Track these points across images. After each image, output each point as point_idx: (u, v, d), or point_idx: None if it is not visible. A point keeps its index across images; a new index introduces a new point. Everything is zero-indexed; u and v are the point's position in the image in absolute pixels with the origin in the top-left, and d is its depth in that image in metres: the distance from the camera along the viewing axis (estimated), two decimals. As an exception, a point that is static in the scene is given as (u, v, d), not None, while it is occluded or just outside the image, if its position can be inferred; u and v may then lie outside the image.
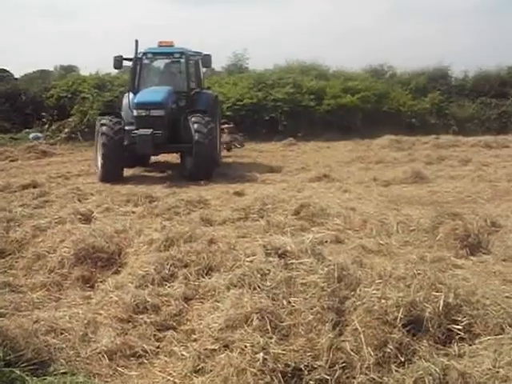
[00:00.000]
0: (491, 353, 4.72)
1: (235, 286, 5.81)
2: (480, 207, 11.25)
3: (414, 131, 27.34)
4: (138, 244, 7.81)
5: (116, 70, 23.22)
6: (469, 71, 35.15)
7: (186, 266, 6.85)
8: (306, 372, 4.65)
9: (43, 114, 26.60)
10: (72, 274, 7.16)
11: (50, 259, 7.49)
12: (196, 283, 6.51)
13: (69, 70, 38.59)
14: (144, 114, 15.51)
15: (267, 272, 5.83)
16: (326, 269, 5.67)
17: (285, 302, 5.38)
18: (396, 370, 4.62)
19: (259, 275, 5.79)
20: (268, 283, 5.66)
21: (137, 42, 16.47)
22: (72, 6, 71.85)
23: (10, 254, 7.98)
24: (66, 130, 25.39)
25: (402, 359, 4.72)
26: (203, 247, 7.23)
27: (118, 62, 17.32)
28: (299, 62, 32.15)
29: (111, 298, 6.15)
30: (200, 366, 4.83)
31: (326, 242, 8.34)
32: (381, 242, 8.53)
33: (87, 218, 9.57)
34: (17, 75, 34.36)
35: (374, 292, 5.29)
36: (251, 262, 6.24)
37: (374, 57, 44.80)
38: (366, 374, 4.60)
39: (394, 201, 12.07)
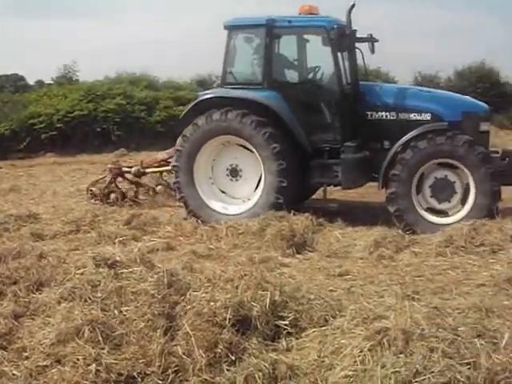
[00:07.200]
0: (316, 344, 4.99)
1: (66, 300, 5.68)
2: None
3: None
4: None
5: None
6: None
7: (15, 283, 6.56)
8: (139, 379, 4.68)
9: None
10: None
11: None
12: (26, 300, 6.24)
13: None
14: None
15: (98, 283, 5.76)
16: (155, 276, 5.70)
17: (116, 312, 5.35)
18: (227, 369, 4.73)
19: (90, 287, 5.71)
20: (99, 294, 5.59)
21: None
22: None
23: None
24: None
25: (233, 358, 4.84)
26: (32, 262, 6.97)
27: None
28: (128, 73, 31.86)
29: None
30: (32, 384, 4.70)
31: (158, 249, 8.40)
32: (211, 246, 8.71)
33: None
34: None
35: (203, 295, 5.38)
36: (81, 274, 6.13)
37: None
38: (198, 376, 4.69)
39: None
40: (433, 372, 4.14)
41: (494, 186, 9.76)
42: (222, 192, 11.11)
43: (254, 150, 10.56)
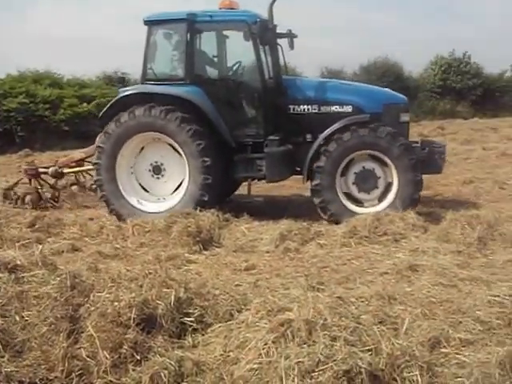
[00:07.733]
0: (222, 339, 5.03)
1: (-36, 309, 5.52)
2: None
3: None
4: None
5: None
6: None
7: None
8: (41, 386, 4.59)
9: None
10: None
11: None
12: None
13: None
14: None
15: (-3, 289, 5.63)
16: (58, 279, 5.57)
17: (17, 318, 5.19)
18: (133, 369, 4.70)
19: (-11, 294, 5.57)
20: (-1, 300, 5.46)
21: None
22: None
23: None
24: None
25: (138, 357, 4.81)
26: None
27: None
28: (31, 71, 31.14)
29: None
30: None
31: (63, 251, 8.27)
32: (117, 245, 8.63)
33: None
34: None
35: (107, 296, 5.30)
36: (-20, 281, 5.96)
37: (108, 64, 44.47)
38: (103, 378, 4.63)
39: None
40: (335, 360, 4.23)
41: (417, 176, 9.93)
42: (143, 189, 10.87)
43: (178, 147, 10.37)
